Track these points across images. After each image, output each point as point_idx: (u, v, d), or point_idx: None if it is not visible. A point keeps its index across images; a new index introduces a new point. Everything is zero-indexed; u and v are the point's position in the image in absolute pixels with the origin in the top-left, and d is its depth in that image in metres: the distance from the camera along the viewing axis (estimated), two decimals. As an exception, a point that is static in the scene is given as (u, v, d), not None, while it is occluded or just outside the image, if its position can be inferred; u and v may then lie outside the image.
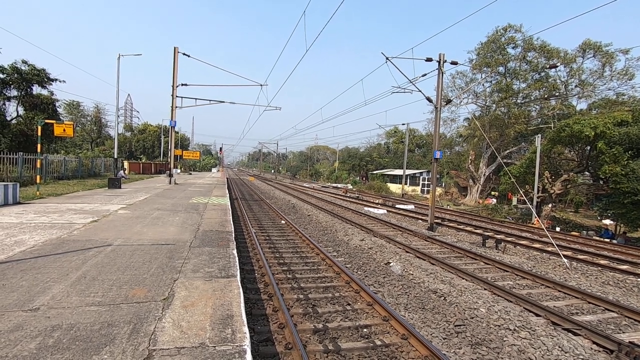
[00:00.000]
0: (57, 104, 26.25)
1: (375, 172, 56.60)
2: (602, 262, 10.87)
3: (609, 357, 5.05)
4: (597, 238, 17.70)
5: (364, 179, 60.02)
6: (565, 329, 5.83)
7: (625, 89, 30.73)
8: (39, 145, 13.68)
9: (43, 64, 22.91)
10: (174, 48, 20.28)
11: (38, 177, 14.20)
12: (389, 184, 47.69)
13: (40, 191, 13.24)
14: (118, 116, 26.38)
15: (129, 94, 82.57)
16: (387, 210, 22.34)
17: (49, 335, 2.99)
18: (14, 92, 22.96)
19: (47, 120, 15.58)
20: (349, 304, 6.42)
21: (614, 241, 17.05)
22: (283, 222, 15.29)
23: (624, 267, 10.39)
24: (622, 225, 19.37)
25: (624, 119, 19.57)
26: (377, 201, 29.10)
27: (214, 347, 2.95)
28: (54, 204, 10.95)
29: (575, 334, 5.68)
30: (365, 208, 22.62)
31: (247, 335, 3.21)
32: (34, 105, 23.29)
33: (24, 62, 22.77)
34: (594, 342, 5.46)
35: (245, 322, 3.47)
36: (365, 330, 5.45)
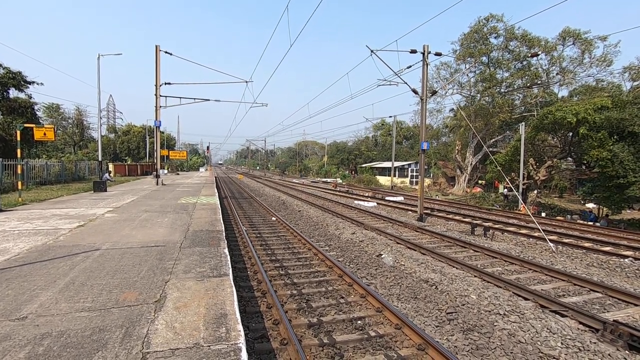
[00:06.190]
0: (36, 107, 25.51)
1: (364, 165, 56.85)
2: (587, 244, 11.20)
3: (594, 336, 5.22)
4: (581, 222, 18.20)
5: (353, 172, 60.23)
6: (553, 311, 6.00)
7: (604, 75, 31.54)
8: (19, 151, 13.27)
9: (19, 67, 22.15)
10: (156, 46, 19.86)
11: (19, 183, 13.80)
12: (378, 177, 47.99)
13: (22, 197, 12.88)
14: (100, 118, 25.78)
15: (110, 95, 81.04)
16: (377, 203, 22.50)
17: (39, 344, 2.93)
18: (-10, 97, 22.25)
19: (26, 125, 15.15)
20: (342, 297, 6.46)
21: (597, 224, 17.55)
22: (274, 218, 15.26)
23: (607, 248, 10.72)
24: (604, 208, 19.93)
25: (604, 105, 20.05)
26: (366, 194, 29.27)
27: (209, 346, 2.94)
28: (38, 210, 10.68)
29: (563, 316, 5.85)
30: (355, 201, 22.74)
31: (242, 333, 3.21)
32: (12, 109, 22.59)
33: (-1, 64, 22.03)
34: (581, 323, 5.63)
35: (239, 320, 3.47)
36: (359, 322, 5.51)
